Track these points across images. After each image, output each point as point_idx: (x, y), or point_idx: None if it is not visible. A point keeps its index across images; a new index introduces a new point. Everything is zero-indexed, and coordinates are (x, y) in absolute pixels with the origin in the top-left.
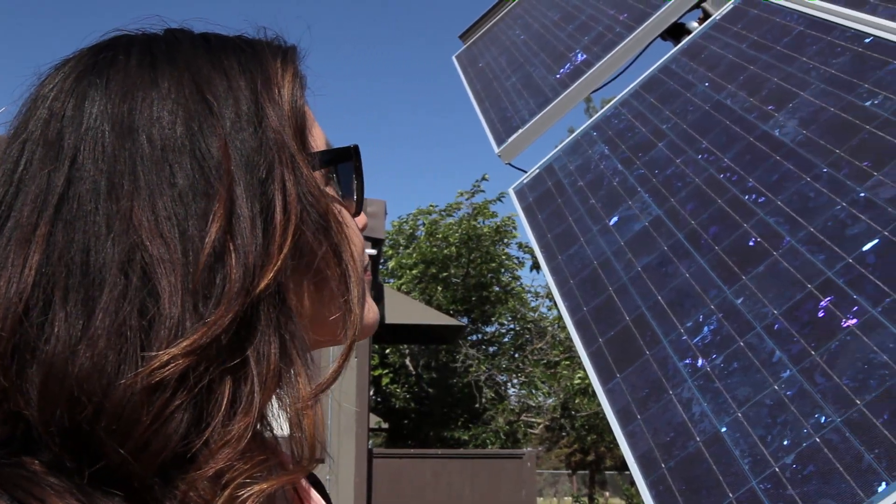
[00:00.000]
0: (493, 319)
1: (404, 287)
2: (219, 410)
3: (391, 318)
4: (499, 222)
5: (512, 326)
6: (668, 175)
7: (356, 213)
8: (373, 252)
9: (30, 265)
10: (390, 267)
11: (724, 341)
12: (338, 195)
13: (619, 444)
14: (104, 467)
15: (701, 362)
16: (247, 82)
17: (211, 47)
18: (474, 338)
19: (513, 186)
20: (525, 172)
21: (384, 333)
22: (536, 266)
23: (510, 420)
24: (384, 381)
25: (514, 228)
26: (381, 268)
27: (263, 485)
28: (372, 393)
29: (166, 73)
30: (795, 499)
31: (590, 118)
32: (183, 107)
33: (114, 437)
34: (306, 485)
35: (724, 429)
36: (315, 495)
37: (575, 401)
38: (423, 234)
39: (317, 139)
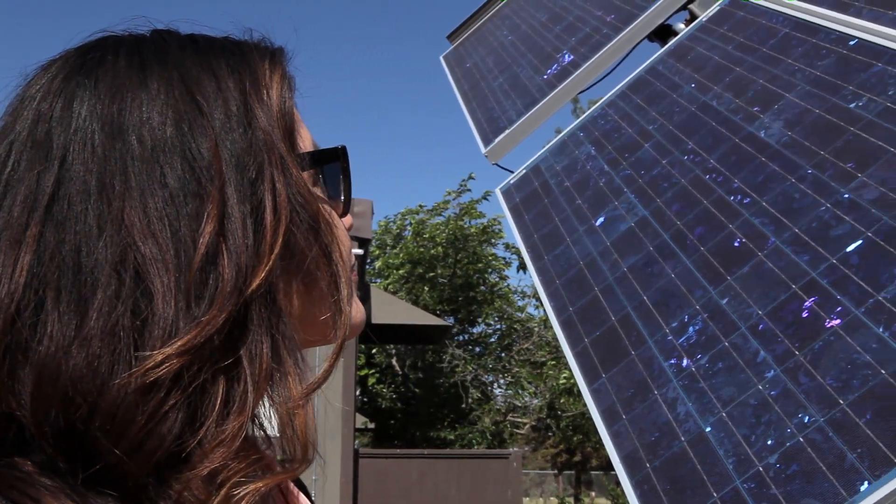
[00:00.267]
0: (479, 320)
1: (391, 287)
2: (213, 410)
3: (378, 318)
4: (486, 223)
5: (498, 327)
6: (654, 176)
7: (343, 214)
8: (359, 252)
9: (21, 266)
10: (377, 267)
11: (709, 341)
12: (325, 196)
13: (604, 444)
14: (98, 468)
15: (686, 362)
16: (235, 83)
17: (199, 48)
18: (461, 338)
19: (499, 187)
20: (512, 173)
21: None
22: (523, 266)
23: (496, 420)
24: (370, 382)
25: (500, 229)
26: (367, 268)
27: (259, 483)
28: (358, 393)
29: (155, 73)
30: (779, 498)
31: (577, 119)
32: (173, 107)
33: (108, 436)
34: (292, 485)
35: (708, 428)
36: (302, 496)
37: (561, 401)
38: (410, 234)
39: (304, 140)
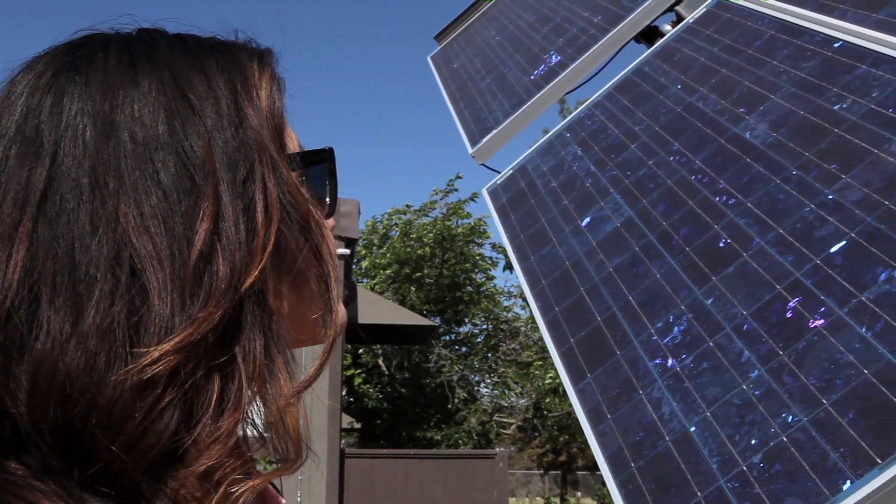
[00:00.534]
0: (466, 320)
1: (378, 287)
2: (208, 407)
3: (364, 318)
4: (472, 223)
5: (485, 327)
6: (640, 176)
7: (329, 216)
8: (345, 252)
9: (14, 262)
10: (364, 267)
11: (693, 341)
12: (310, 197)
13: (589, 443)
14: (93, 469)
15: (671, 362)
16: (226, 83)
17: (188, 47)
18: (447, 338)
19: (486, 187)
20: (499, 173)
21: (357, 333)
22: (509, 266)
23: (482, 420)
24: (357, 382)
25: (487, 229)
26: (354, 268)
27: (256, 481)
28: (344, 393)
29: (147, 71)
30: (762, 497)
31: (564, 119)
32: (164, 105)
33: (105, 433)
34: (269, 486)
35: (693, 428)
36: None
37: (547, 400)
38: (397, 234)
39: (291, 141)
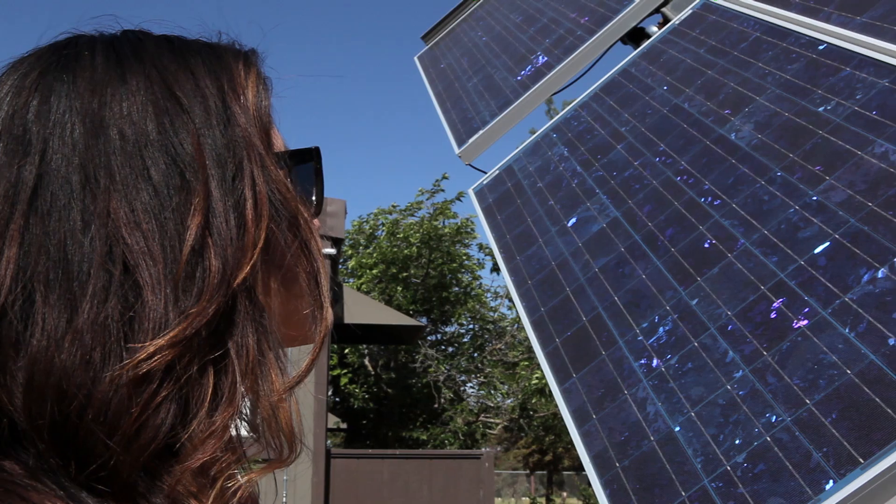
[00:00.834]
0: (452, 320)
1: (364, 287)
2: (203, 402)
3: (350, 317)
4: (459, 223)
5: (471, 327)
6: (626, 177)
7: (315, 215)
8: (332, 251)
9: (7, 258)
10: (350, 266)
11: (678, 342)
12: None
13: (574, 443)
14: (90, 466)
15: (656, 362)
16: (213, 82)
17: (175, 47)
18: (434, 338)
19: (472, 187)
20: (485, 173)
21: (343, 333)
22: (496, 269)
23: (469, 420)
24: (343, 381)
25: (474, 229)
26: (340, 267)
27: (252, 474)
28: (330, 393)
29: (134, 69)
30: (746, 497)
31: (551, 120)
32: (153, 103)
33: (102, 428)
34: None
35: (677, 428)
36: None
37: (533, 401)
38: (384, 233)
39: (276, 141)
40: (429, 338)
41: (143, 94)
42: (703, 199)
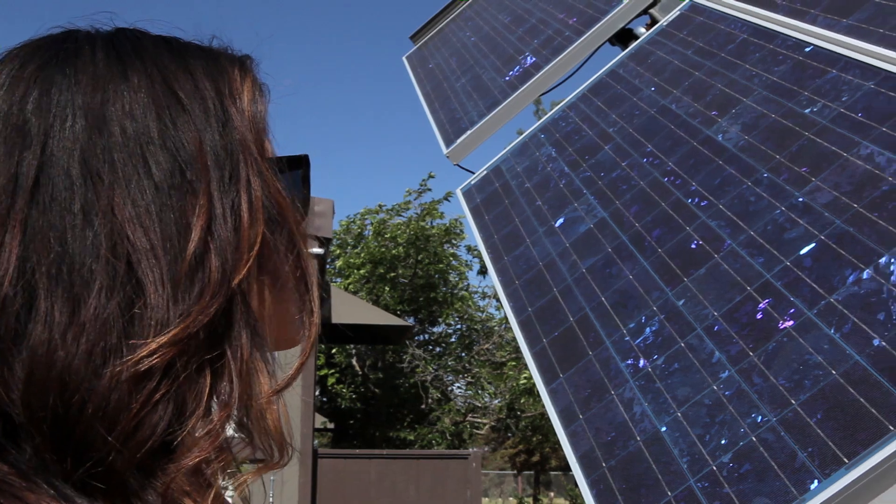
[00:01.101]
0: (440, 320)
1: (351, 287)
2: (200, 402)
3: (338, 317)
4: (447, 223)
5: (459, 327)
6: (613, 178)
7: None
8: (320, 251)
9: (10, 249)
10: (338, 266)
11: (665, 342)
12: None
13: (561, 443)
14: (85, 463)
15: (643, 363)
16: (211, 84)
17: (173, 48)
18: (421, 338)
19: (460, 187)
20: (473, 173)
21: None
22: (484, 271)
23: (456, 421)
24: (330, 381)
25: (462, 230)
26: (328, 267)
27: (248, 475)
28: (318, 393)
29: (136, 67)
30: (731, 497)
31: (539, 120)
32: (154, 101)
33: (102, 423)
34: None
35: (663, 428)
36: None
37: (521, 401)
38: (371, 233)
39: (269, 146)
40: (416, 338)
41: (144, 92)
42: (690, 200)
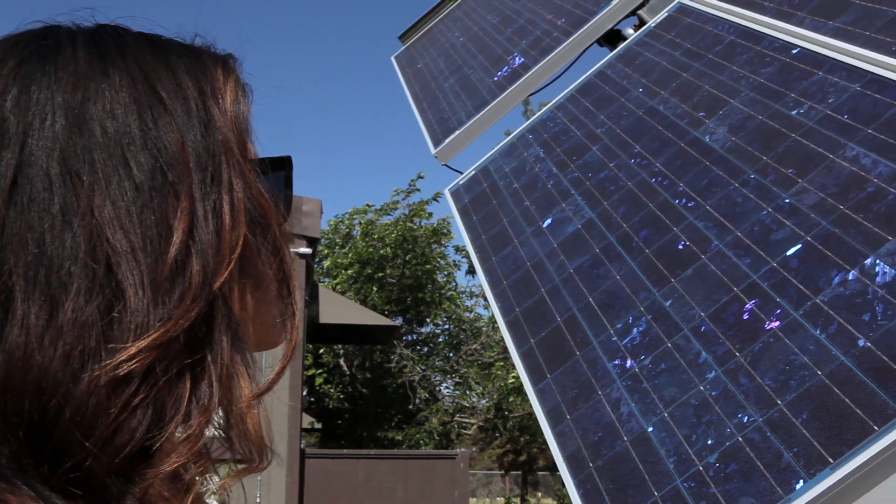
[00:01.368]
0: (428, 320)
1: (339, 287)
2: (179, 407)
3: (325, 317)
4: (435, 224)
5: (447, 327)
6: (601, 178)
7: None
8: (307, 251)
9: None
10: (325, 266)
11: (652, 342)
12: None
13: (548, 444)
14: (61, 468)
15: (630, 363)
16: (194, 83)
17: (155, 46)
18: (409, 338)
19: (448, 187)
20: (461, 174)
21: (318, 333)
22: (472, 271)
23: (444, 421)
24: (318, 381)
25: (450, 230)
26: (316, 267)
27: (227, 479)
28: (305, 393)
29: (117, 65)
30: (717, 497)
31: (527, 121)
32: (136, 100)
33: (79, 428)
34: None
35: (650, 428)
36: None
37: (510, 400)
38: (359, 233)
39: (252, 148)
40: (404, 338)
41: (126, 91)
42: (677, 201)
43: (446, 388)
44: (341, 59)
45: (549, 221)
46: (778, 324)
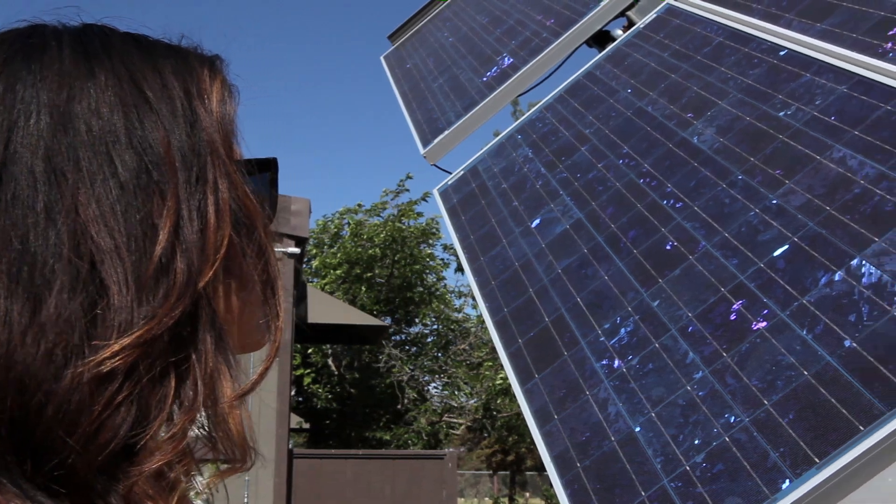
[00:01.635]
0: (416, 320)
1: (328, 287)
2: (163, 405)
3: (314, 317)
4: (424, 224)
5: (435, 327)
6: (589, 179)
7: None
8: (296, 251)
9: None
10: (314, 266)
11: (640, 343)
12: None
13: (536, 444)
14: (46, 465)
15: (617, 363)
16: (180, 83)
17: (142, 46)
18: (398, 338)
19: (437, 187)
20: (450, 174)
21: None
22: (460, 269)
23: (432, 421)
24: (306, 381)
25: (438, 229)
26: (304, 267)
27: (212, 478)
28: (294, 393)
29: (103, 64)
30: (704, 497)
31: (516, 121)
32: (122, 99)
33: (62, 426)
34: None
35: (638, 428)
36: None
37: (498, 401)
38: (348, 233)
39: (238, 149)
40: (393, 338)
41: (111, 90)
42: (665, 202)
43: (435, 388)
44: (330, 59)
45: (537, 222)
46: (765, 324)
